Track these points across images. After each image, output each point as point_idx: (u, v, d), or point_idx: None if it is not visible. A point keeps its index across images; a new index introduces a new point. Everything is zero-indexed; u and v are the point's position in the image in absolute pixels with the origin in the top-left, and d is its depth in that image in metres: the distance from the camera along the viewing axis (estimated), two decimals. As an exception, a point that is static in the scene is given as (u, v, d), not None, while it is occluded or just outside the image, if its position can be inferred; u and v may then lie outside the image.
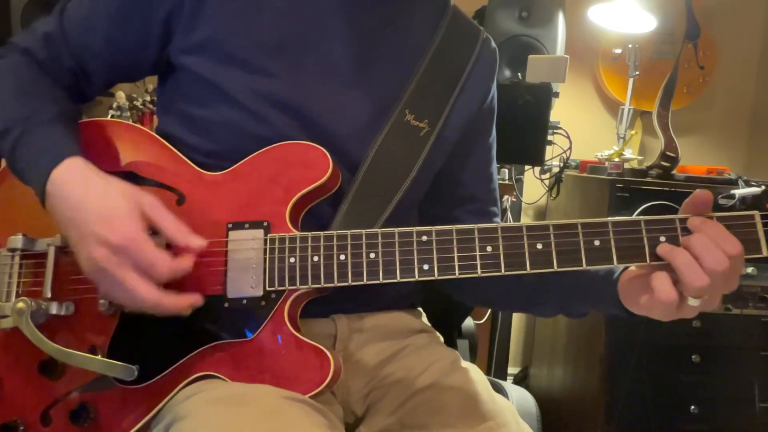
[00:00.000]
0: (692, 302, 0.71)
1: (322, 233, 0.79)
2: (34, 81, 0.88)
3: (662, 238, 0.73)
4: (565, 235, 0.74)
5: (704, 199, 0.72)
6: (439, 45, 0.96)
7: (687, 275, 0.69)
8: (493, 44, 1.04)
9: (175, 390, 0.79)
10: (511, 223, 0.76)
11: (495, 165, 1.07)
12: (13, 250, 0.86)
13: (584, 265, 0.74)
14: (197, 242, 0.77)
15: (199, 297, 0.77)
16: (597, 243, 0.74)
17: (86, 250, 0.74)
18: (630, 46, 2.38)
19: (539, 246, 0.74)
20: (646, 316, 0.77)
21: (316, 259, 0.78)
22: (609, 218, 0.74)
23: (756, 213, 0.71)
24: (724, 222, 0.71)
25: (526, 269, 0.74)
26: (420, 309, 1.07)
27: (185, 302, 0.76)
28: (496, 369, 2.26)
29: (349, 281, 0.77)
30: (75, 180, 0.78)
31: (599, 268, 0.82)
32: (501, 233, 0.75)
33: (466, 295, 1.05)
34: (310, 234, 0.79)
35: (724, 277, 0.70)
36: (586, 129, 2.62)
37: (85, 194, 0.77)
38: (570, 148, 2.21)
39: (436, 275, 0.76)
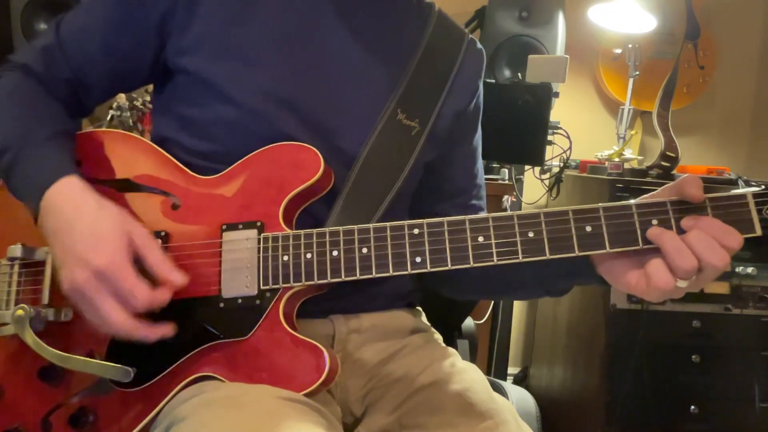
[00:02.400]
0: (681, 284, 0.70)
1: (314, 230, 0.79)
2: (32, 99, 0.89)
3: (654, 221, 0.72)
4: (556, 222, 0.74)
5: (695, 198, 0.71)
6: (427, 46, 0.98)
7: (676, 259, 0.69)
8: (479, 45, 1.06)
9: (173, 392, 0.79)
10: (502, 213, 0.76)
11: (481, 162, 1.08)
12: (12, 259, 0.87)
13: (576, 252, 0.73)
14: (179, 278, 0.77)
15: (170, 328, 0.78)
16: (588, 229, 0.73)
17: (68, 270, 0.75)
18: (630, 46, 2.38)
19: (531, 234, 0.74)
20: (634, 294, 0.76)
21: (309, 256, 0.78)
22: (600, 204, 0.73)
23: (749, 192, 0.71)
24: (717, 203, 0.71)
25: (518, 258, 0.74)
26: (419, 308, 1.08)
27: (155, 333, 0.76)
28: (496, 369, 2.26)
29: (342, 276, 0.78)
30: (68, 199, 0.79)
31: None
32: (492, 223, 0.75)
33: (450, 287, 1.05)
34: (302, 232, 0.79)
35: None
36: (586, 129, 2.61)
37: (76, 215, 0.77)
38: (570, 148, 2.21)
39: (428, 267, 0.76)
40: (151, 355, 0.80)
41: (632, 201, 0.74)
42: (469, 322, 1.39)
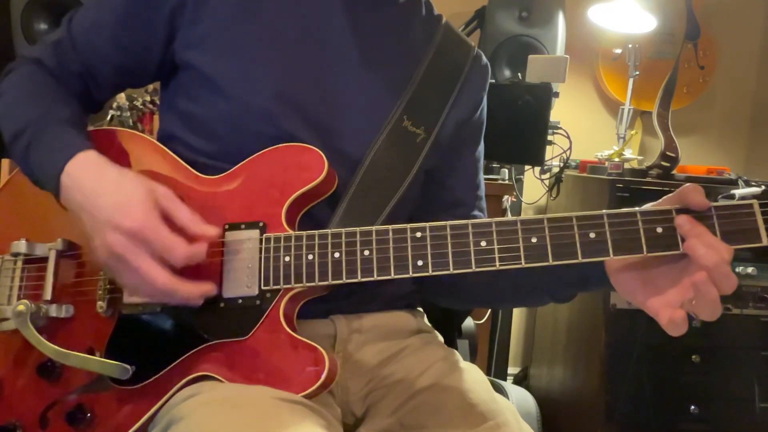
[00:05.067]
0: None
1: (316, 232, 0.79)
2: (47, 86, 0.90)
3: (659, 229, 0.71)
4: (559, 228, 0.73)
5: (700, 205, 0.71)
6: (435, 55, 0.98)
7: (723, 285, 0.68)
8: (485, 60, 1.06)
9: (172, 391, 0.79)
10: (505, 218, 0.75)
11: (482, 175, 1.08)
12: (16, 254, 0.87)
13: (579, 258, 0.72)
14: (211, 231, 0.78)
15: (213, 286, 0.78)
16: (592, 236, 0.72)
17: (101, 236, 0.75)
18: (630, 46, 2.38)
19: (534, 240, 0.73)
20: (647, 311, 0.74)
21: (310, 257, 0.78)
22: (604, 210, 0.73)
23: (755, 201, 0.70)
24: (723, 212, 0.70)
25: (521, 263, 0.73)
26: (420, 309, 1.07)
27: (199, 290, 0.76)
28: (496, 369, 2.26)
29: (344, 279, 0.77)
30: (90, 170, 0.79)
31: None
32: (495, 227, 0.75)
33: (453, 298, 1.05)
34: (304, 233, 0.79)
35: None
36: (586, 129, 2.62)
37: (100, 183, 0.78)
38: (570, 148, 2.21)
39: (430, 271, 0.75)
40: (150, 354, 0.80)
41: (637, 208, 0.73)
42: (469, 322, 1.39)
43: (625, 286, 0.76)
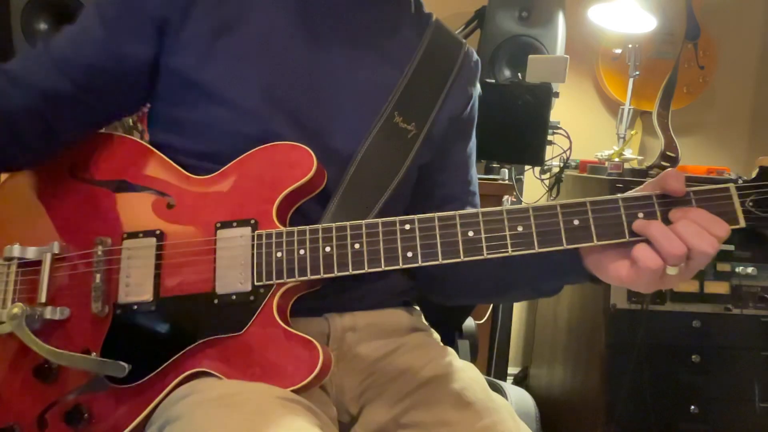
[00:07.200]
0: (671, 270, 0.71)
1: (307, 227, 0.80)
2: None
3: (640, 215, 0.73)
4: (544, 216, 0.75)
5: (677, 192, 0.72)
6: (425, 52, 0.98)
7: (665, 244, 0.70)
8: (476, 56, 1.07)
9: (168, 388, 0.79)
10: (491, 208, 0.77)
11: (474, 170, 1.09)
12: (9, 259, 0.87)
13: (564, 245, 0.74)
14: None
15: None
16: (576, 222, 0.74)
17: None
18: (630, 46, 2.38)
19: (520, 228, 0.75)
20: (626, 287, 0.76)
21: (302, 252, 0.79)
22: (587, 198, 0.75)
23: (731, 185, 0.72)
24: (701, 196, 0.73)
25: (508, 251, 0.75)
26: (417, 307, 1.07)
27: None
28: (496, 369, 2.26)
29: (335, 272, 0.78)
30: None
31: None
32: (482, 218, 0.76)
33: (443, 293, 1.05)
34: (295, 229, 0.80)
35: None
36: (586, 129, 2.62)
37: None
38: (570, 148, 2.21)
39: (420, 262, 0.77)
40: (146, 352, 0.81)
41: (618, 195, 0.75)
42: (469, 322, 1.39)
43: (602, 265, 0.77)
